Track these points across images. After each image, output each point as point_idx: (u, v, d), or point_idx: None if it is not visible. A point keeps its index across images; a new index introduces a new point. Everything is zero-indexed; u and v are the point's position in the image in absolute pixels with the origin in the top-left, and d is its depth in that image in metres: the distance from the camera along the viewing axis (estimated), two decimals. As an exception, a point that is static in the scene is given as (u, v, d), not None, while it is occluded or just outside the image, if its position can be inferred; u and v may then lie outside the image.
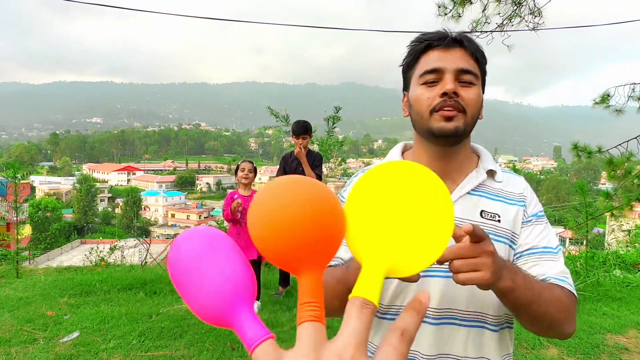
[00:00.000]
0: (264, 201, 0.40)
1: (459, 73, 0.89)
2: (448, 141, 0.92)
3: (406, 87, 1.00)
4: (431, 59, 0.92)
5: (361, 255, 0.40)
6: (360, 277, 0.37)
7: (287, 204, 0.39)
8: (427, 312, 0.90)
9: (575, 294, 0.90)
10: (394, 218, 0.39)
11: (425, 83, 0.92)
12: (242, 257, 0.42)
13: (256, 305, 4.38)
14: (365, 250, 0.39)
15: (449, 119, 0.89)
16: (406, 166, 0.41)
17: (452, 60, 0.90)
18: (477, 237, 0.70)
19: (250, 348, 0.36)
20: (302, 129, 4.18)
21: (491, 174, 0.99)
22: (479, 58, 0.93)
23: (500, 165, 1.07)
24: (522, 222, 0.96)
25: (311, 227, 0.38)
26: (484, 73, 0.95)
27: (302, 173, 4.21)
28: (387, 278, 0.39)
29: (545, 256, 0.92)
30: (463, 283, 0.71)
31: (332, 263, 1.04)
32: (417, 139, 1.00)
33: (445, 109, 0.89)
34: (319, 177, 4.27)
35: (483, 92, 0.98)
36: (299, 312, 0.37)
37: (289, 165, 4.31)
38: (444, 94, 0.88)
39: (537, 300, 0.80)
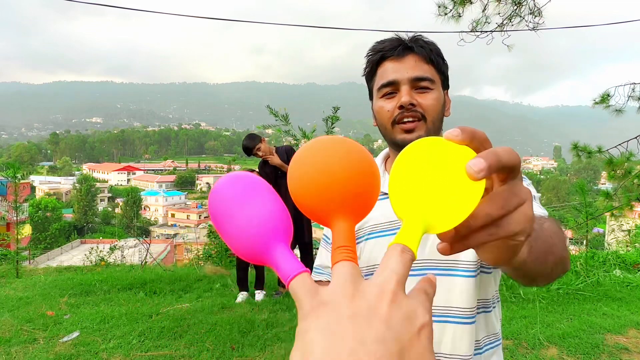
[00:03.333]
0: (307, 156, 0.44)
1: (414, 81, 0.91)
2: None
3: (371, 96, 1.02)
4: (386, 71, 0.94)
5: (403, 213, 0.42)
6: (401, 230, 0.39)
7: (330, 159, 0.43)
8: None
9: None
10: (432, 181, 0.43)
11: (384, 96, 0.94)
12: (279, 199, 0.45)
13: (261, 294, 4.42)
14: (406, 208, 0.42)
15: (409, 130, 0.92)
16: (443, 142, 0.44)
17: (405, 70, 0.92)
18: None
19: (287, 280, 0.37)
20: (252, 142, 4.09)
21: None
22: (434, 59, 0.94)
23: None
24: None
25: (349, 181, 0.42)
26: (442, 72, 0.96)
27: (282, 177, 4.08)
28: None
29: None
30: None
31: (321, 278, 1.07)
32: (390, 147, 1.03)
33: (404, 120, 0.92)
34: None
35: (447, 88, 0.99)
36: (333, 255, 0.38)
37: (265, 173, 4.19)
38: (401, 107, 0.91)
39: (551, 240, 0.66)
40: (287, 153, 4.16)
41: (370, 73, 0.99)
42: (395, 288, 0.32)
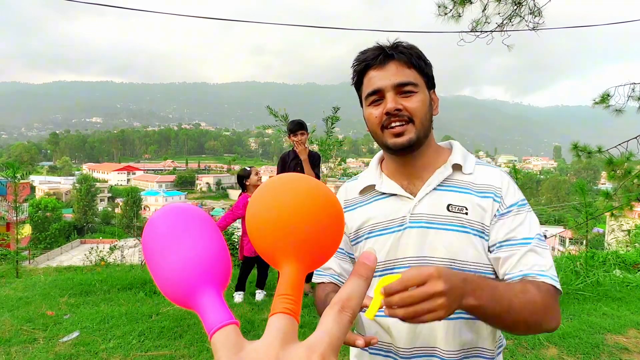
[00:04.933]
0: (262, 194, 0.41)
1: (398, 87, 0.94)
2: (406, 151, 0.97)
3: (361, 104, 1.05)
4: (371, 79, 0.97)
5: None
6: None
7: (281, 201, 0.39)
8: (397, 349, 0.94)
9: (557, 286, 0.86)
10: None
11: (371, 103, 0.98)
12: (218, 238, 0.40)
13: (261, 294, 4.42)
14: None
15: (399, 134, 0.95)
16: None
17: (388, 77, 0.95)
18: (418, 282, 0.70)
19: (210, 332, 0.34)
20: (298, 126, 4.19)
21: (459, 167, 1.00)
22: (415, 62, 0.96)
23: (490, 162, 1.09)
24: (499, 214, 0.94)
25: (300, 225, 0.38)
26: (425, 74, 0.98)
27: (302, 172, 4.21)
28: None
29: (523, 248, 0.89)
30: (419, 322, 0.73)
31: (323, 279, 1.08)
32: (383, 151, 1.06)
33: (392, 125, 0.95)
34: (317, 176, 4.30)
35: (433, 87, 1.02)
36: (273, 303, 0.35)
37: (288, 166, 4.30)
38: (388, 113, 0.94)
39: (508, 310, 0.79)
40: (313, 156, 4.28)
41: (358, 82, 1.02)
42: (325, 352, 0.30)
